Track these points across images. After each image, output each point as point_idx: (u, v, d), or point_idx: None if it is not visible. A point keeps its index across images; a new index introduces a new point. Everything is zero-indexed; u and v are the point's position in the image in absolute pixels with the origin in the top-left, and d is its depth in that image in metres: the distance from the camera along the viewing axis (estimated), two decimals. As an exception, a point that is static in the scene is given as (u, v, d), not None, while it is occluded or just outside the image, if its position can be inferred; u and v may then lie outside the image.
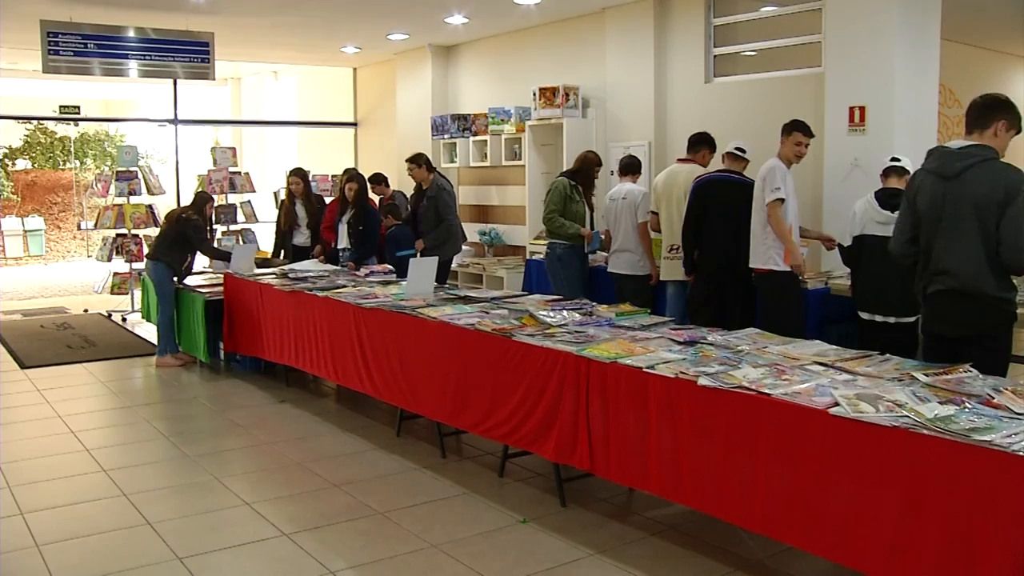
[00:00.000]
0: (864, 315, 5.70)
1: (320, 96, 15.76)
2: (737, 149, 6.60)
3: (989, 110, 4.21)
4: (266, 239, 12.61)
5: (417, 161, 8.59)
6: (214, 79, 11.40)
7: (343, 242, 8.34)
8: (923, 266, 4.34)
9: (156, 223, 10.85)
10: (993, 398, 3.26)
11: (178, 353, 8.26)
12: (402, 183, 10.70)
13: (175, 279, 8.20)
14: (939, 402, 3.23)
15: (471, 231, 11.36)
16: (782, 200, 5.94)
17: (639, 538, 4.27)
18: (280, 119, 16.82)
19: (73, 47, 10.15)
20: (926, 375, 3.60)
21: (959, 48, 10.60)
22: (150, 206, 11.32)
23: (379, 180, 9.53)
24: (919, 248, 4.36)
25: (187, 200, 12.37)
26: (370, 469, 5.34)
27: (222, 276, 8.08)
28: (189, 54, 10.86)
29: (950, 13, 7.28)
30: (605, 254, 7.72)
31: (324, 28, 10.96)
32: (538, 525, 4.42)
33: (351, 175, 8.53)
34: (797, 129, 6.13)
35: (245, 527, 4.46)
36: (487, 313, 5.33)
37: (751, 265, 6.14)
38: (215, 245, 9.24)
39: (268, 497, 4.87)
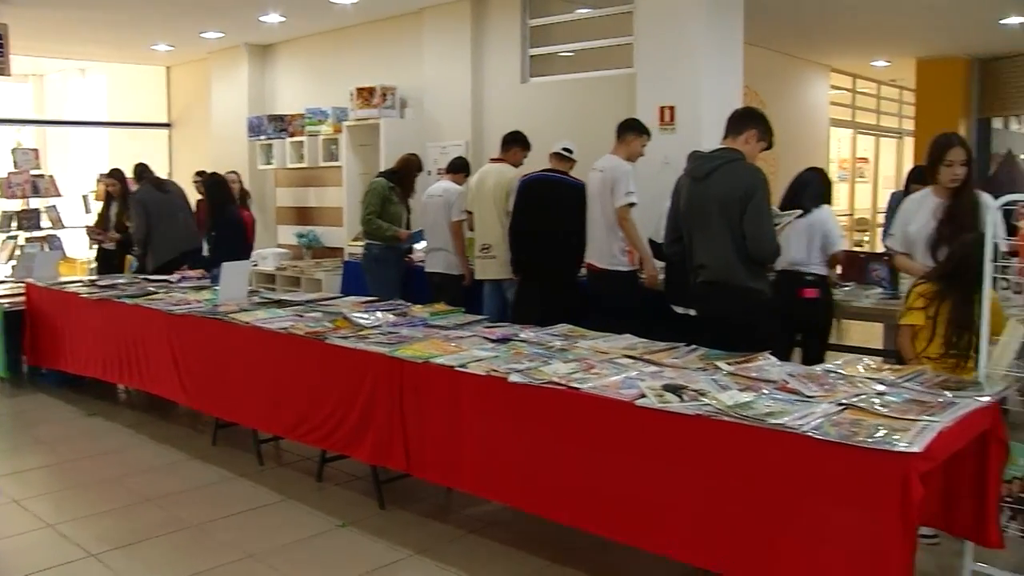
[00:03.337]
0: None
1: (133, 95, 15.10)
2: (564, 150, 6.63)
3: (744, 119, 4.69)
4: (75, 245, 12.05)
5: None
6: (10, 75, 10.69)
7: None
8: (688, 262, 4.75)
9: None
10: (788, 383, 3.46)
11: None
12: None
13: None
14: (739, 389, 3.40)
15: (288, 233, 11.19)
16: (634, 204, 6.05)
17: (459, 536, 4.33)
18: (88, 119, 16.02)
19: None
20: (728, 364, 3.79)
21: (763, 53, 11.16)
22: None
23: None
24: (683, 246, 4.77)
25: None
26: (185, 480, 5.19)
27: (23, 285, 7.66)
28: (-22, 47, 10.16)
29: (754, 20, 7.62)
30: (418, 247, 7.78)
31: (132, 25, 10.49)
32: (357, 528, 4.41)
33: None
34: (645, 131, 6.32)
35: (47, 551, 4.23)
36: (301, 316, 5.27)
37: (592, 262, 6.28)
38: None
39: (74, 517, 4.65)
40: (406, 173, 7.76)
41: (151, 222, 8.12)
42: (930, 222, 4.43)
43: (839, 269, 6.12)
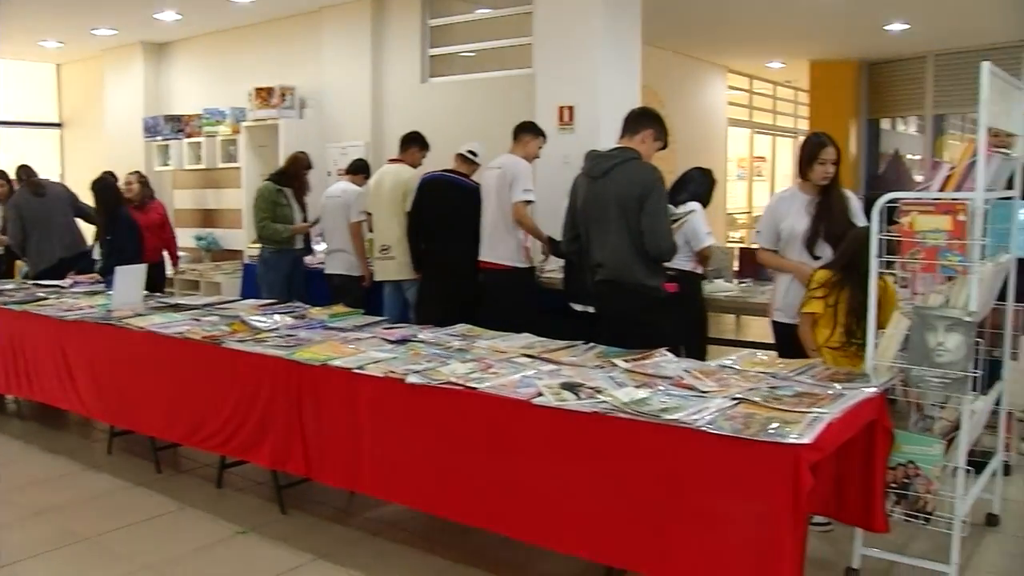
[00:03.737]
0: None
1: (21, 93, 14.55)
2: (469, 152, 6.64)
3: (641, 119, 4.77)
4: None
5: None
6: None
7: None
8: (585, 260, 4.80)
9: None
10: (683, 379, 3.52)
11: None
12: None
13: None
14: (635, 386, 3.44)
15: (187, 236, 10.95)
16: (532, 202, 6.16)
17: (361, 539, 4.30)
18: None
19: None
20: (625, 361, 3.83)
21: (662, 53, 11.36)
22: None
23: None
24: (581, 244, 4.80)
25: None
26: (78, 492, 5.02)
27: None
28: None
29: (651, 20, 7.74)
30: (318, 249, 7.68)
31: (17, 19, 10.11)
32: (258, 534, 4.34)
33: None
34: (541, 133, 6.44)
35: (-76, 574, 4.05)
36: (198, 320, 5.16)
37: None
38: None
39: (-44, 535, 4.46)
40: (295, 172, 7.67)
41: (26, 229, 7.81)
42: (803, 218, 4.55)
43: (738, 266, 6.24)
